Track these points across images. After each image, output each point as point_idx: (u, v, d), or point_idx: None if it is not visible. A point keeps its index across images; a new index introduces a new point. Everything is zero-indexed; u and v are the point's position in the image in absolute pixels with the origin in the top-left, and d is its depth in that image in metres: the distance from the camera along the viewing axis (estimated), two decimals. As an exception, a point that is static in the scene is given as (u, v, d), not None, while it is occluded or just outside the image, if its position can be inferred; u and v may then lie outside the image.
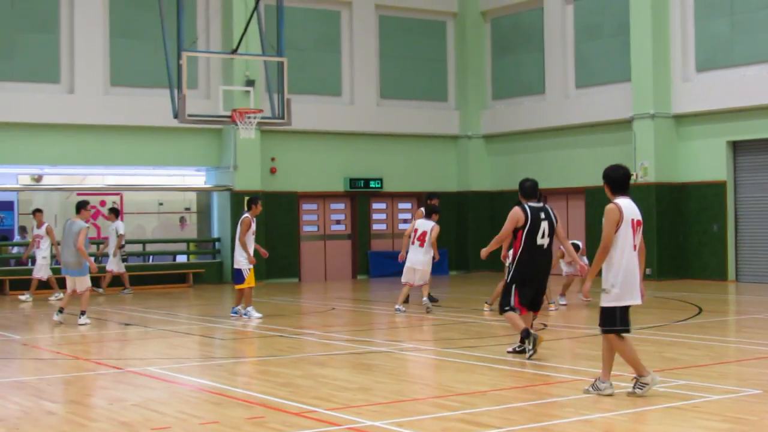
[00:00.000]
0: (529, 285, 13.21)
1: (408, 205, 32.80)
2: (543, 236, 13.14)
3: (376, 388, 11.30)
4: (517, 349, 13.42)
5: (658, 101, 27.78)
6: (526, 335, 12.98)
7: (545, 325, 16.78)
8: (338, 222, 31.23)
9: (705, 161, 27.47)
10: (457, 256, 33.12)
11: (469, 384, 11.39)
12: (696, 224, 27.67)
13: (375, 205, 32.37)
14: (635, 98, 28.21)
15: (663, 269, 27.35)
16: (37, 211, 24.53)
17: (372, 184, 31.74)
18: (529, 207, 13.20)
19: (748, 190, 26.96)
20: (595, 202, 28.92)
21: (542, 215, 13.16)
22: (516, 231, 13.13)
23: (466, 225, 33.01)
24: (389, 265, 30.77)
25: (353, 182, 31.41)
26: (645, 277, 23.25)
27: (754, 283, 26.23)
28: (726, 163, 27.08)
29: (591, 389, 10.49)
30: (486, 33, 33.79)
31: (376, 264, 31.51)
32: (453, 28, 33.82)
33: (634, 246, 10.39)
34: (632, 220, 10.36)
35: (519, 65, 32.69)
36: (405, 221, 32.34)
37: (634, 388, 10.36)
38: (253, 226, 19.20)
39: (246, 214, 19.11)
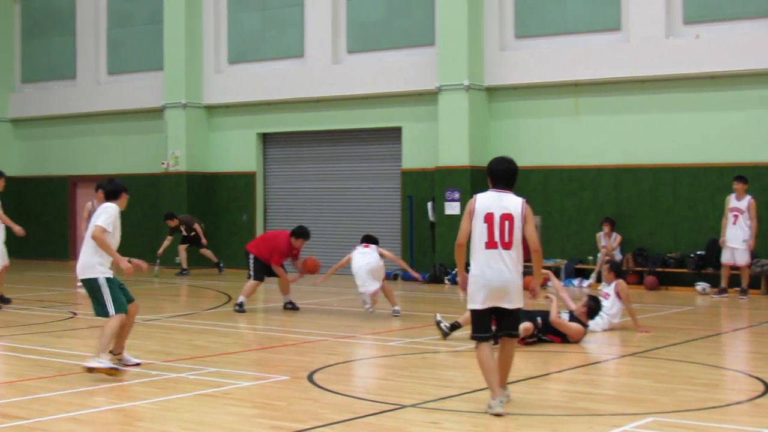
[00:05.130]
0: None
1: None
2: None
3: None
4: None
5: (189, 91, 28.01)
6: None
7: None
8: None
9: (236, 152, 28.07)
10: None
11: (-6, 377, 10.95)
12: (226, 214, 28.21)
13: None
14: (167, 87, 28.28)
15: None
16: None
17: None
18: None
19: (276, 181, 27.86)
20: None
21: None
22: None
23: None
24: None
25: None
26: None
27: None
28: (256, 155, 27.83)
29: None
30: (15, 14, 32.52)
31: None
32: (-20, 7, 32.29)
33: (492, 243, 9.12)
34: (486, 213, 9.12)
35: (50, 49, 31.76)
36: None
37: None
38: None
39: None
